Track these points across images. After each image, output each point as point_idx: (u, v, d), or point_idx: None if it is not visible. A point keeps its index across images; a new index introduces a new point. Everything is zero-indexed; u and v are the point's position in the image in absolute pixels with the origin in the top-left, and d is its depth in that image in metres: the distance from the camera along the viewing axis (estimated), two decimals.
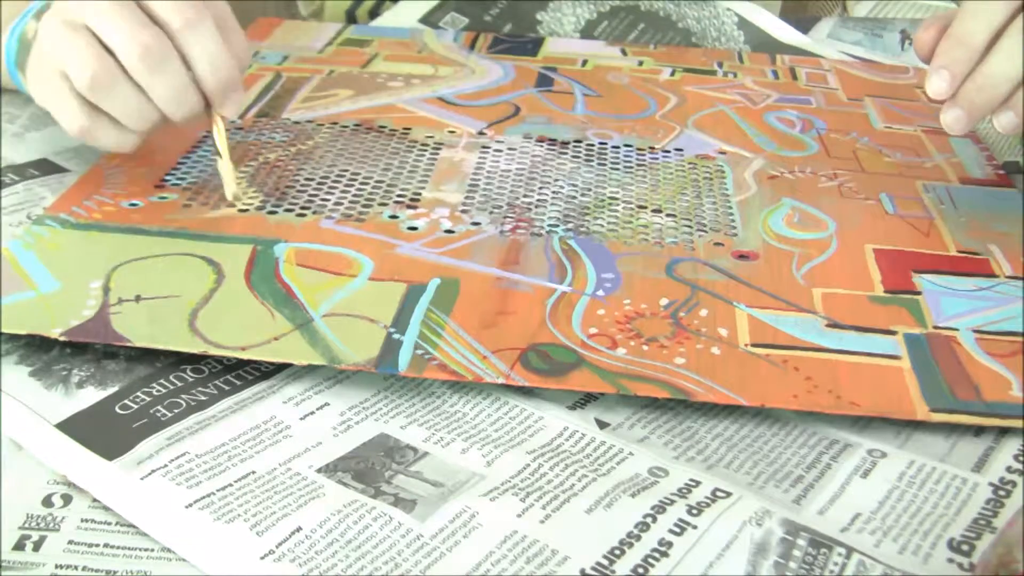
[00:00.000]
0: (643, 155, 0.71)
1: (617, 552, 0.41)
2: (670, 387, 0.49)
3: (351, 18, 0.98)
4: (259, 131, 0.72)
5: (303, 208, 0.62)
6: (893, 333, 0.54)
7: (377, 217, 0.62)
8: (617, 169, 0.69)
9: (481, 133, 0.73)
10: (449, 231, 0.61)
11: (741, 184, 0.68)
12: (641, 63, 0.88)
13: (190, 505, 0.43)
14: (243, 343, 0.50)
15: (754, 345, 0.52)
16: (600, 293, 0.55)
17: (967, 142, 0.76)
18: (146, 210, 0.62)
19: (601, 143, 0.73)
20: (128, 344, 0.50)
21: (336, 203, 0.63)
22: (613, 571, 0.40)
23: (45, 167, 0.69)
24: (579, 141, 0.73)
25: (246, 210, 0.62)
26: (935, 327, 0.54)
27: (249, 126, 0.73)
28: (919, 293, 0.57)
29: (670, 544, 0.41)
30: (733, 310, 0.55)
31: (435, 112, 0.76)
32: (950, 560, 0.42)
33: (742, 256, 0.60)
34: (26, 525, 0.42)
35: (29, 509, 0.43)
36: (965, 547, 0.42)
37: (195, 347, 0.50)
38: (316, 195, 0.64)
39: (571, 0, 0.97)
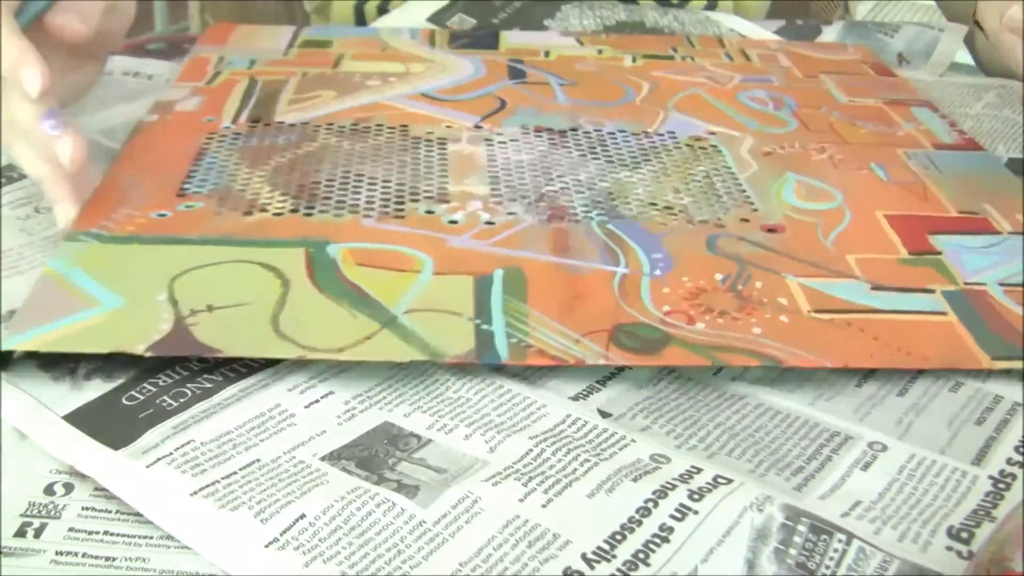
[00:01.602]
0: (640, 139, 0.74)
1: (618, 537, 0.41)
2: (760, 355, 0.51)
3: (359, 15, 0.99)
4: (260, 135, 0.72)
5: (337, 208, 0.63)
6: (932, 291, 0.57)
7: (415, 213, 0.63)
8: (621, 154, 0.71)
9: (478, 127, 0.75)
10: (489, 223, 0.62)
11: (741, 162, 0.71)
12: (601, 52, 0.91)
13: (195, 493, 0.43)
14: (338, 344, 0.51)
15: (816, 311, 0.55)
16: (658, 272, 0.57)
17: (925, 110, 0.81)
18: (177, 219, 0.61)
19: (597, 130, 0.75)
20: (220, 355, 0.50)
21: (368, 201, 0.64)
22: (614, 555, 0.40)
23: None
24: (575, 129, 0.75)
25: (280, 213, 0.62)
26: (966, 283, 0.58)
27: (245, 131, 0.72)
28: (940, 253, 0.61)
29: (671, 529, 0.42)
30: (784, 280, 0.57)
31: (424, 108, 0.77)
32: (949, 548, 0.42)
33: (771, 230, 0.63)
34: (27, 512, 0.42)
35: (31, 496, 0.43)
36: (964, 535, 0.43)
37: (292, 352, 0.50)
38: (344, 194, 0.64)
39: (578, 9, 0.99)
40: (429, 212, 0.63)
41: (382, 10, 1.02)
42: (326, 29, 0.94)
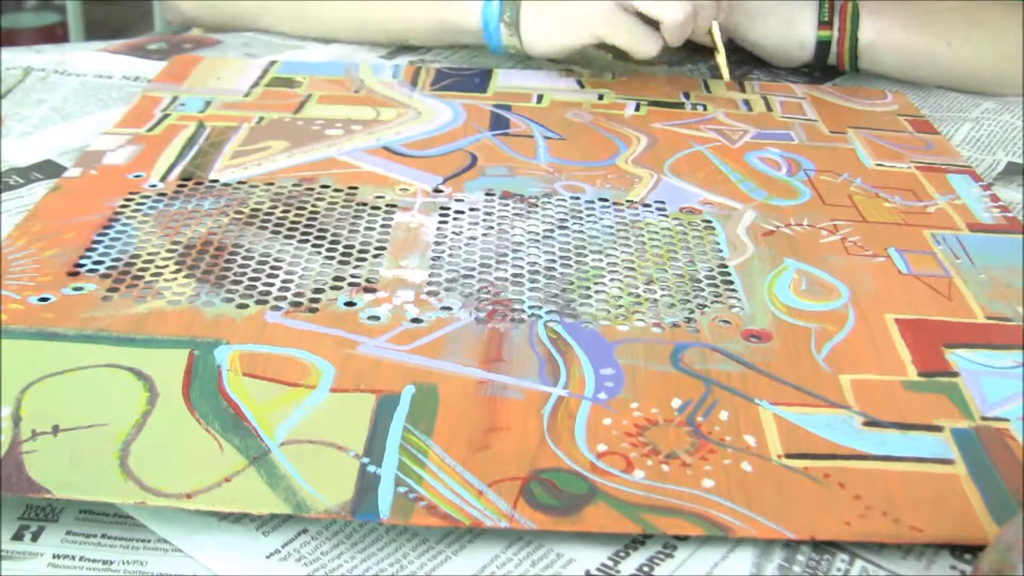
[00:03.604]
0: (622, 211, 0.64)
1: (622, 554, 0.41)
2: (703, 521, 0.41)
3: None
4: (185, 198, 0.63)
5: (244, 297, 0.54)
6: (939, 429, 0.47)
7: (331, 305, 0.53)
8: (595, 231, 0.61)
9: (437, 190, 0.65)
10: (416, 320, 0.52)
11: (735, 243, 0.61)
12: (601, 97, 0.81)
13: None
14: (189, 487, 0.42)
15: (788, 456, 0.45)
16: (602, 396, 0.48)
17: (965, 179, 0.70)
18: (59, 306, 0.52)
19: (573, 198, 0.65)
20: (48, 496, 0.41)
21: (282, 288, 0.55)
22: (618, 571, 0.40)
23: (48, 169, 0.68)
24: (548, 196, 0.65)
25: (177, 302, 0.53)
26: (983, 418, 0.48)
27: (172, 192, 0.64)
28: (956, 374, 0.50)
29: (675, 547, 0.41)
30: (756, 410, 0.47)
31: (382, 165, 0.68)
32: (952, 568, 0.41)
33: (753, 336, 0.52)
34: (25, 516, 0.42)
35: (28, 500, 0.42)
36: (968, 556, 0.41)
37: (130, 496, 0.41)
38: (258, 278, 0.55)
39: None
40: (349, 304, 0.53)
41: None
42: (300, 65, 0.85)
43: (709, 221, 0.63)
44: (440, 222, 0.62)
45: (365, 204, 0.63)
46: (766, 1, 0.83)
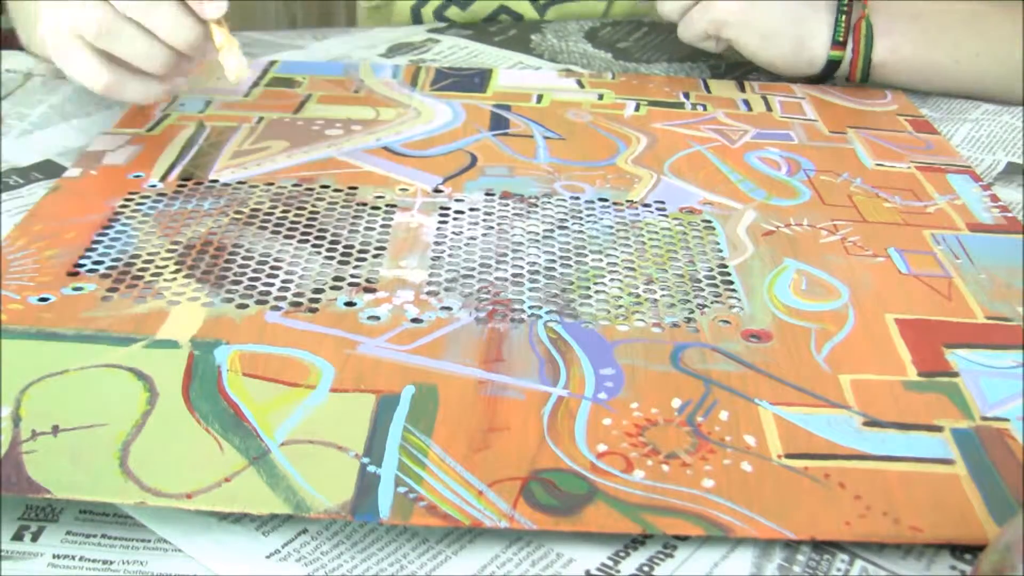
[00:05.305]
0: (621, 211, 0.64)
1: (622, 554, 0.41)
2: (703, 521, 0.41)
3: (416, 17, 1.00)
4: (185, 198, 0.63)
5: (244, 297, 0.54)
6: (939, 429, 0.47)
7: (331, 305, 0.53)
8: (595, 231, 0.61)
9: (437, 190, 0.65)
10: (416, 320, 0.52)
11: (736, 243, 0.61)
12: (601, 96, 0.81)
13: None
14: (189, 487, 0.42)
15: (788, 456, 0.45)
16: (602, 396, 0.48)
17: (965, 179, 0.70)
18: (59, 306, 0.52)
19: (573, 198, 0.65)
20: (48, 496, 0.41)
21: (282, 288, 0.55)
22: (618, 571, 0.40)
23: (48, 169, 0.68)
24: (548, 196, 0.65)
25: (176, 302, 0.53)
26: (983, 418, 0.48)
27: (172, 192, 0.64)
28: (956, 374, 0.50)
29: (675, 547, 0.41)
30: (756, 410, 0.47)
31: (382, 165, 0.68)
32: (952, 568, 0.41)
33: (753, 336, 0.52)
34: (25, 516, 0.42)
35: (28, 500, 0.42)
36: (968, 556, 0.41)
37: (130, 496, 0.41)
38: (258, 278, 0.55)
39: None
40: (349, 304, 0.53)
41: (439, 15, 1.00)
42: (300, 64, 0.85)
43: (709, 221, 0.63)
44: (440, 222, 0.62)
45: (365, 204, 0.63)
46: (778, 22, 0.82)
